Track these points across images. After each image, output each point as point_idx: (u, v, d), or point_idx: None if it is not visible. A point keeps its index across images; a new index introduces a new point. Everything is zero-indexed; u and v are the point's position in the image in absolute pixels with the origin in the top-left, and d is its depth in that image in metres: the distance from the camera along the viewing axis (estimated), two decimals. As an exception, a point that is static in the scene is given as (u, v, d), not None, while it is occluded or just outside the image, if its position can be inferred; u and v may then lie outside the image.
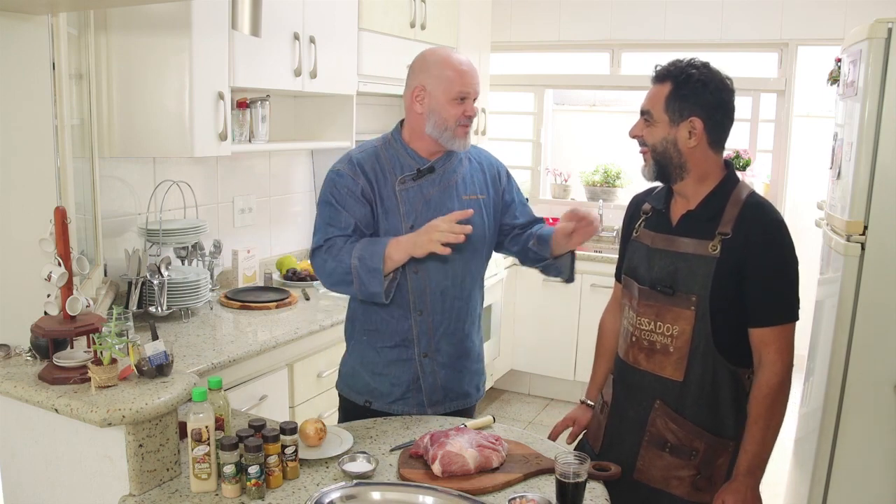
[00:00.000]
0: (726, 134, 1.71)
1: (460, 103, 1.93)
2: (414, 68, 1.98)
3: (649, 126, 1.69)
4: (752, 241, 1.62)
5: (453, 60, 1.94)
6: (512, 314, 4.42)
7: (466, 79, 1.93)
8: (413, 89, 1.96)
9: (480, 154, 2.13)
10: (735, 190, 1.69)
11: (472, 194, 2.02)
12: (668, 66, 1.68)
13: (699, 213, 1.69)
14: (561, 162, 5.03)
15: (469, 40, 4.24)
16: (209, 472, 1.52)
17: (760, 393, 1.64)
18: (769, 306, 1.64)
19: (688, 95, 1.64)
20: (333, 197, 1.94)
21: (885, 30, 2.27)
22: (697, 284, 1.64)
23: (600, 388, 1.96)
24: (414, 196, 1.95)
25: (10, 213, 1.80)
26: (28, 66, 1.81)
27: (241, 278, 3.10)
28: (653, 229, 1.77)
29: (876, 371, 2.38)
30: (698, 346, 1.66)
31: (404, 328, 1.98)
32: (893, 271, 2.34)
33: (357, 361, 2.06)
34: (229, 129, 2.62)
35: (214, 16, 2.49)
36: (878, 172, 2.33)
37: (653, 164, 1.71)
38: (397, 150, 1.99)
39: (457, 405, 2.06)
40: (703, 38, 4.32)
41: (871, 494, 2.44)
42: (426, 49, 2.01)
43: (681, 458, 1.69)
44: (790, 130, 4.31)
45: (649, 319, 1.72)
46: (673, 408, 1.69)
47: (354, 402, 2.06)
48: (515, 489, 1.58)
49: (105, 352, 1.55)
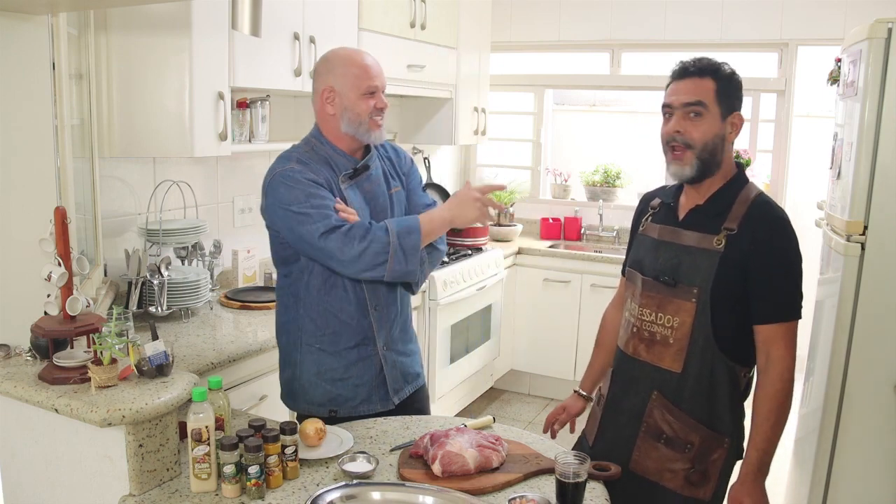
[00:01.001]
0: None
1: (370, 97, 1.95)
2: (319, 70, 1.99)
3: (698, 121, 1.67)
4: (758, 239, 1.64)
5: (356, 58, 1.97)
6: (512, 314, 4.42)
7: (371, 72, 1.95)
8: (321, 92, 1.96)
9: (387, 146, 2.15)
10: (745, 189, 1.72)
11: (395, 187, 2.09)
12: (705, 62, 1.69)
13: (707, 208, 1.72)
14: (561, 162, 5.03)
15: (469, 40, 4.24)
16: (209, 472, 1.52)
17: (773, 389, 1.65)
18: (775, 303, 1.66)
19: (733, 91, 1.69)
20: (306, 187, 1.87)
21: (885, 30, 2.27)
22: (700, 277, 1.66)
23: (596, 381, 2.00)
24: (356, 193, 1.99)
25: (10, 213, 1.80)
26: (28, 66, 1.81)
27: (241, 278, 3.10)
28: (660, 222, 1.80)
29: (876, 371, 2.38)
30: (698, 338, 1.67)
31: (364, 326, 2.00)
32: (893, 271, 2.34)
33: (311, 373, 2.01)
34: (229, 129, 2.62)
35: (214, 16, 2.49)
36: (878, 172, 2.33)
37: (696, 162, 1.68)
38: (327, 151, 1.99)
39: (413, 387, 2.13)
40: (703, 38, 4.32)
41: (871, 494, 2.44)
42: (327, 51, 2.02)
43: (675, 450, 1.70)
44: (790, 130, 4.31)
45: (651, 310, 1.73)
46: (670, 399, 1.71)
47: (315, 415, 1.93)
48: (515, 489, 1.58)
49: (105, 352, 1.55)
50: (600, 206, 4.70)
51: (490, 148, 5.08)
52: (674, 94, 1.69)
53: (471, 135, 4.42)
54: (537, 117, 4.97)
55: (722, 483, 1.72)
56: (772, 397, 1.65)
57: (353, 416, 2.00)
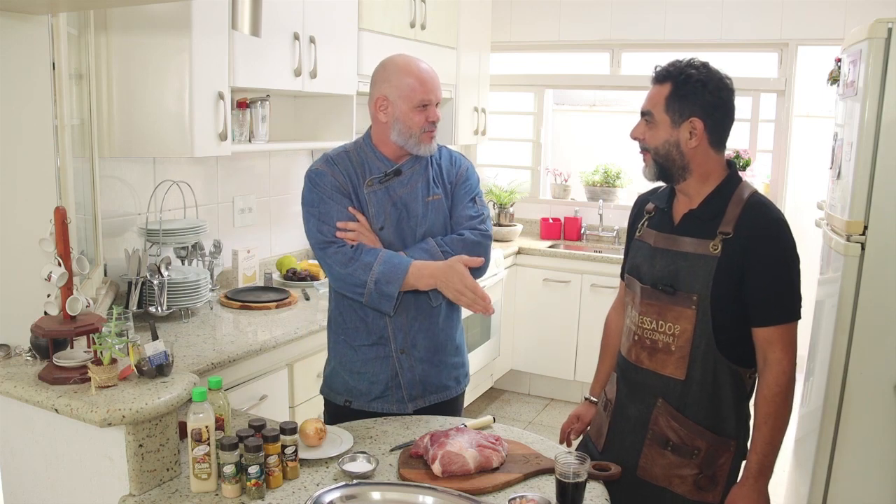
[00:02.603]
0: (727, 133, 1.71)
1: (423, 110, 1.93)
2: (375, 78, 1.99)
3: (651, 127, 1.69)
4: (754, 241, 1.63)
5: (413, 68, 1.94)
6: (512, 314, 4.42)
7: (427, 86, 1.93)
8: (376, 100, 1.97)
9: (443, 152, 2.12)
10: (737, 189, 1.70)
11: (435, 195, 2.04)
12: (668, 67, 1.68)
13: (701, 213, 1.70)
14: (561, 162, 5.03)
15: (469, 40, 4.24)
16: (209, 472, 1.52)
17: (770, 392, 1.64)
18: (773, 305, 1.64)
19: (687, 95, 1.64)
20: (322, 193, 1.95)
21: (885, 30, 2.27)
22: (699, 283, 1.65)
23: (604, 385, 1.97)
24: (382, 198, 1.97)
25: (10, 214, 1.80)
26: (28, 66, 1.81)
27: (241, 278, 3.10)
28: (656, 228, 1.78)
29: (876, 371, 2.38)
30: (700, 344, 1.66)
31: (380, 326, 2.00)
32: (893, 271, 2.34)
33: (336, 362, 2.08)
34: (229, 129, 2.62)
35: (214, 16, 2.49)
36: (878, 172, 2.33)
37: (654, 166, 1.71)
38: (367, 154, 2.00)
39: (436, 398, 2.08)
40: (703, 38, 4.32)
41: (871, 494, 2.44)
42: (386, 58, 2.01)
43: (683, 457, 1.69)
44: (790, 130, 4.31)
45: (651, 318, 1.72)
46: (675, 406, 1.70)
47: (335, 402, 2.08)
48: (515, 489, 1.58)
49: (105, 352, 1.55)
50: (600, 206, 4.70)
51: (490, 148, 5.08)
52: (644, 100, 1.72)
53: (471, 135, 4.42)
54: (537, 117, 4.97)
55: (730, 486, 1.71)
56: (770, 400, 1.64)
57: (366, 410, 2.02)
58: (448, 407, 2.10)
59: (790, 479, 3.02)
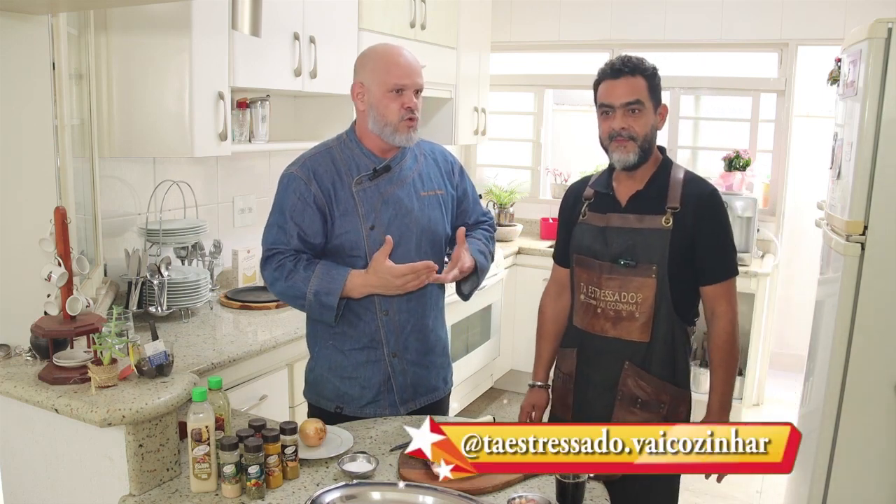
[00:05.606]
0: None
1: (397, 96, 1.86)
2: (355, 66, 1.96)
3: (639, 116, 1.84)
4: (699, 212, 1.85)
5: (389, 53, 1.90)
6: (512, 314, 4.42)
7: (402, 70, 1.87)
8: (353, 87, 1.94)
9: (434, 148, 2.10)
10: (673, 170, 1.91)
11: (431, 190, 2.00)
12: (635, 61, 1.84)
13: (647, 192, 1.88)
14: (561, 162, 5.03)
15: (469, 40, 4.24)
16: (209, 472, 1.52)
17: (721, 340, 1.88)
18: (718, 265, 1.88)
19: (657, 86, 1.86)
20: (285, 202, 1.91)
21: (885, 30, 2.27)
22: (656, 255, 1.83)
23: (548, 369, 2.13)
24: (372, 196, 1.92)
25: (10, 213, 1.81)
26: (28, 66, 1.81)
27: (241, 278, 3.10)
28: (601, 211, 1.93)
29: (876, 371, 2.38)
30: (661, 308, 1.85)
31: (371, 329, 1.96)
32: (893, 271, 2.34)
33: (324, 367, 2.02)
34: (229, 129, 2.62)
35: (214, 16, 2.49)
36: (878, 172, 2.33)
37: (639, 151, 1.85)
38: (352, 150, 1.95)
39: (426, 400, 2.06)
40: (703, 38, 4.31)
41: (871, 494, 2.44)
42: (368, 46, 2.00)
43: (650, 411, 1.86)
44: (790, 130, 4.31)
45: (613, 291, 1.88)
46: (641, 366, 1.87)
47: (324, 409, 2.01)
48: (515, 489, 1.58)
49: (105, 352, 1.55)
50: (600, 206, 4.69)
51: (490, 148, 5.08)
52: (612, 95, 1.84)
53: (471, 135, 4.42)
54: (537, 117, 4.97)
55: None
56: (721, 347, 1.88)
57: (358, 416, 1.98)
58: (437, 408, 2.09)
59: (790, 479, 3.02)
